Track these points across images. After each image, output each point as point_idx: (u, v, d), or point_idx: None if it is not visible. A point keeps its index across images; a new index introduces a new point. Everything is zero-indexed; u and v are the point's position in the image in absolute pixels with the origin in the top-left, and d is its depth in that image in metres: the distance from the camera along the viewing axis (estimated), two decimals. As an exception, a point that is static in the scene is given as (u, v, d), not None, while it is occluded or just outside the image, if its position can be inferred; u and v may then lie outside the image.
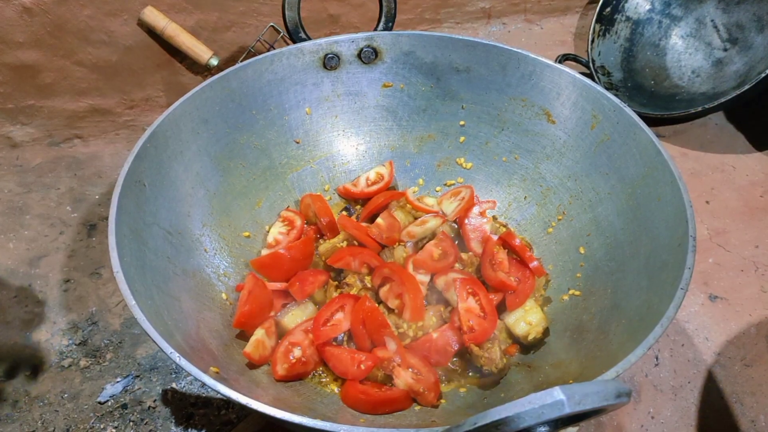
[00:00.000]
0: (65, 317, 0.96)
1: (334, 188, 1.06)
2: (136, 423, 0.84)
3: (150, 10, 1.12)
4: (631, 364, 0.58)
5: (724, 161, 1.20)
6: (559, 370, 0.76)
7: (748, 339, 0.92)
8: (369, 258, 0.90)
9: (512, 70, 0.97)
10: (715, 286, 0.99)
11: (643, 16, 1.36)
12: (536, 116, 0.97)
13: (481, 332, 0.81)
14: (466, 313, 0.83)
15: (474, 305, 0.84)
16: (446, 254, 0.92)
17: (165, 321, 0.66)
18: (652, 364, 0.90)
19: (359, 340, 0.82)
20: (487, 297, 0.85)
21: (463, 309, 0.83)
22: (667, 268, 0.70)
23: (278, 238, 0.95)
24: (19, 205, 1.11)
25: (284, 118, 1.00)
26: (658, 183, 0.79)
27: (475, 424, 0.39)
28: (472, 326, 0.81)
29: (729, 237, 1.06)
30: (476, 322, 0.82)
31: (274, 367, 0.78)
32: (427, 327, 0.84)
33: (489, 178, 1.03)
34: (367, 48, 1.00)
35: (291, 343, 0.80)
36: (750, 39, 1.23)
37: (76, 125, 1.23)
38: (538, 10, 1.52)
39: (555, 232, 0.95)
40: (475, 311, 0.83)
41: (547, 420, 0.38)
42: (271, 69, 0.96)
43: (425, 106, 1.04)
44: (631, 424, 0.84)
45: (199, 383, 0.89)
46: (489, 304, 0.84)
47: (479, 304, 0.84)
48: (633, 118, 0.85)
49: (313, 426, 0.53)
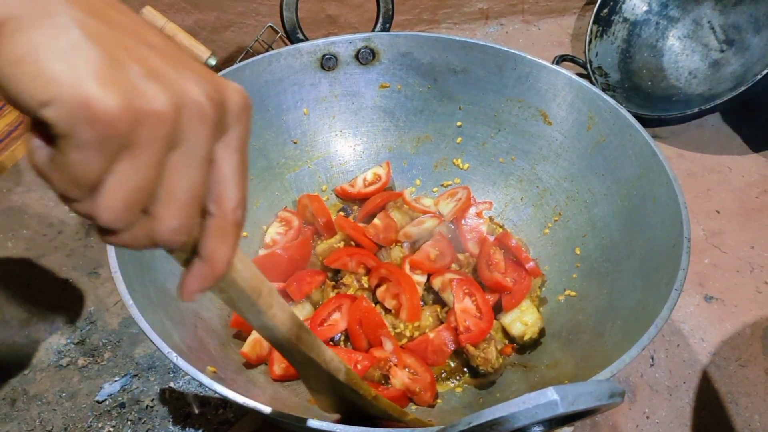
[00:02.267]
0: (63, 316, 0.96)
1: (332, 188, 1.06)
2: (134, 422, 0.84)
3: (148, 10, 1.12)
4: (625, 364, 0.58)
5: (720, 162, 1.21)
6: (555, 370, 0.77)
7: (743, 339, 0.92)
8: (366, 258, 0.90)
9: (509, 71, 0.97)
10: (710, 286, 0.99)
11: (640, 18, 1.36)
12: (533, 117, 0.98)
13: (477, 333, 0.81)
14: (462, 313, 0.83)
15: (470, 306, 0.85)
16: (443, 255, 0.92)
17: (163, 320, 0.66)
18: (647, 365, 0.90)
19: (356, 340, 0.82)
20: (484, 298, 0.85)
21: (460, 309, 0.83)
22: (661, 269, 0.71)
23: (276, 238, 0.95)
24: (17, 205, 1.11)
25: (282, 118, 1.00)
26: (654, 184, 0.79)
27: (469, 424, 0.40)
28: (468, 326, 0.82)
29: (725, 238, 1.06)
30: (472, 322, 0.82)
31: (271, 366, 0.79)
32: (424, 327, 0.85)
33: (486, 179, 1.04)
34: (364, 49, 1.00)
35: None
36: (747, 40, 1.24)
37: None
38: (536, 11, 1.52)
39: (551, 233, 0.95)
40: (472, 312, 0.84)
41: (541, 420, 0.38)
42: (268, 69, 0.96)
43: (422, 107, 1.04)
44: (626, 424, 0.85)
45: (196, 382, 0.89)
46: (485, 305, 0.84)
47: (475, 304, 0.85)
48: (629, 119, 0.85)
49: (310, 425, 0.53)
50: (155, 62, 0.27)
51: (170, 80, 0.27)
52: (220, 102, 0.30)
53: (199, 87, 0.28)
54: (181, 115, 0.27)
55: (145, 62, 0.26)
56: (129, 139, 0.25)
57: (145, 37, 0.28)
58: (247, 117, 0.32)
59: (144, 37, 0.28)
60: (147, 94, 0.25)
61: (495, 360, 0.80)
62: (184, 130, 0.27)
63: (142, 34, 0.28)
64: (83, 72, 0.24)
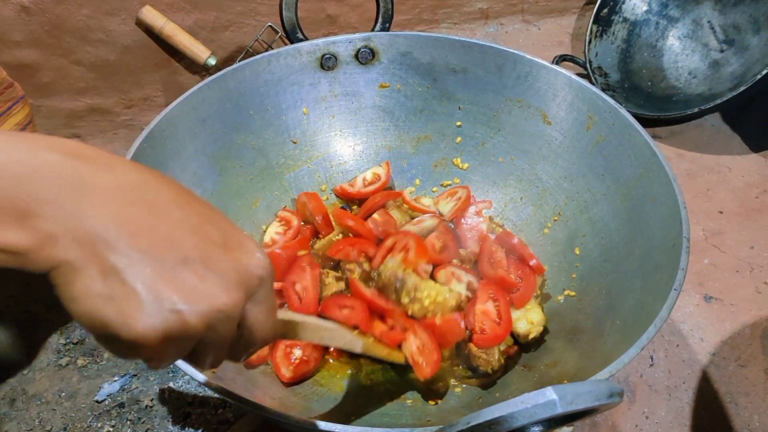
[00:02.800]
0: (63, 316, 0.96)
1: (331, 188, 1.06)
2: (134, 422, 0.84)
3: (148, 10, 1.12)
4: (624, 364, 0.58)
5: (719, 162, 1.21)
6: (554, 370, 0.77)
7: (742, 339, 0.92)
8: (367, 247, 0.90)
9: (508, 71, 0.97)
10: (710, 286, 0.99)
11: (640, 17, 1.36)
12: (532, 117, 0.98)
13: (491, 337, 0.81)
14: (481, 314, 0.82)
15: (492, 309, 0.84)
16: (447, 247, 0.92)
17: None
18: (646, 365, 0.90)
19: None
20: (507, 305, 0.84)
21: (480, 311, 0.83)
22: (661, 269, 0.71)
23: (275, 237, 0.95)
24: (16, 204, 1.11)
25: (281, 118, 1.00)
26: (654, 184, 0.79)
27: (468, 424, 0.40)
28: (484, 329, 0.81)
29: (724, 238, 1.06)
30: (489, 326, 0.82)
31: (278, 371, 0.78)
32: (441, 303, 0.82)
33: (485, 179, 1.04)
34: (364, 48, 1.00)
35: (288, 345, 0.81)
36: (746, 40, 1.24)
37: (75, 124, 1.23)
38: (536, 11, 1.52)
39: (551, 232, 0.95)
40: (492, 315, 0.83)
41: (539, 419, 0.38)
42: (268, 69, 0.96)
43: (422, 106, 1.04)
44: (625, 424, 0.85)
45: (195, 382, 0.89)
46: (507, 312, 0.83)
47: (497, 309, 0.84)
48: (628, 119, 0.85)
49: (310, 425, 0.53)
50: (188, 282, 0.34)
51: (199, 297, 0.34)
52: (246, 285, 0.37)
53: (224, 293, 0.35)
54: (210, 325, 0.35)
55: (179, 288, 0.33)
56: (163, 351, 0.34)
57: (183, 246, 0.34)
58: (269, 281, 0.39)
59: (181, 248, 0.34)
60: (181, 321, 0.33)
61: (496, 361, 0.80)
62: (214, 330, 0.35)
63: (184, 242, 0.35)
64: (127, 314, 0.31)
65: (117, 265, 0.31)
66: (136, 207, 0.33)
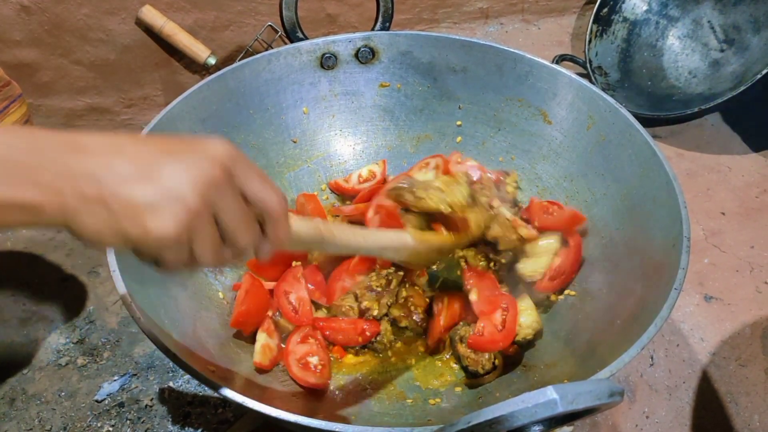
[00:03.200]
0: (63, 315, 0.96)
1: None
2: (133, 421, 0.84)
3: (148, 9, 1.12)
4: (624, 363, 0.58)
5: (719, 162, 1.21)
6: (555, 369, 0.76)
7: (742, 339, 0.92)
8: None
9: (509, 70, 0.97)
10: (710, 286, 0.99)
11: (640, 17, 1.36)
12: (532, 117, 0.98)
13: (488, 341, 0.78)
14: (486, 319, 0.80)
15: (498, 317, 0.81)
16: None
17: (162, 320, 0.66)
18: (647, 364, 0.90)
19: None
20: (515, 318, 0.81)
21: (486, 316, 0.81)
22: (661, 269, 0.70)
23: (275, 237, 0.95)
24: (16, 204, 1.11)
25: (281, 117, 1.00)
26: (654, 184, 0.79)
27: (469, 423, 0.40)
28: (482, 332, 0.79)
29: (724, 237, 1.06)
30: (489, 331, 0.79)
31: (290, 369, 0.78)
32: (456, 202, 0.78)
33: (486, 178, 1.04)
34: (364, 48, 1.00)
35: (306, 353, 0.79)
36: (746, 40, 1.24)
37: (75, 124, 1.23)
38: (536, 11, 1.52)
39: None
40: (495, 321, 0.80)
41: (540, 419, 0.38)
42: (268, 68, 0.96)
43: (422, 106, 1.04)
44: (625, 424, 0.85)
45: (195, 382, 0.89)
46: (512, 322, 0.80)
47: (503, 318, 0.81)
48: (628, 119, 0.85)
49: (309, 425, 0.53)
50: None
51: (186, 179, 0.41)
52: (219, 160, 0.44)
53: (202, 169, 0.43)
54: (208, 197, 0.42)
55: (169, 180, 0.41)
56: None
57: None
58: (240, 155, 0.46)
59: (159, 157, 0.42)
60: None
61: (486, 361, 0.79)
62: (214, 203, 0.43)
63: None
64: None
65: (114, 191, 0.38)
66: (119, 156, 0.40)
